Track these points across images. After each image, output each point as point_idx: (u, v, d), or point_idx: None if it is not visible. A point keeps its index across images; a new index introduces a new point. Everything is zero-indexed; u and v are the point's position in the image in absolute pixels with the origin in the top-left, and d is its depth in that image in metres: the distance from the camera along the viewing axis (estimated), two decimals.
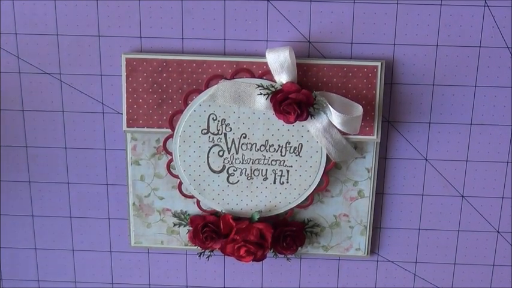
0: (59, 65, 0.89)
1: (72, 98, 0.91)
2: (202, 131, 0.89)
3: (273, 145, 0.89)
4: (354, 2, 0.86)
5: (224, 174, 0.91)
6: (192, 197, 0.93)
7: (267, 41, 0.87)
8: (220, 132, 0.89)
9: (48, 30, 0.88)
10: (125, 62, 0.87)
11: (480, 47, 0.87)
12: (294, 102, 0.84)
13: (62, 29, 0.88)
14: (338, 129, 0.86)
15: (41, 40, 0.89)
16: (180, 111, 0.88)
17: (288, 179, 0.91)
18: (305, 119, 0.85)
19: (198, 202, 0.93)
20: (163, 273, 0.98)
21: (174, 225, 0.94)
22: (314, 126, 0.87)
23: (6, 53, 0.89)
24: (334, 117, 0.84)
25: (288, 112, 0.85)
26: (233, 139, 0.89)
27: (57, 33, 0.88)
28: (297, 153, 0.90)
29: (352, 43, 0.87)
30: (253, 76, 0.87)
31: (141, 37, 0.88)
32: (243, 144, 0.89)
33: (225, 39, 0.88)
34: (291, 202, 0.92)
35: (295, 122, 0.85)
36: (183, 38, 0.88)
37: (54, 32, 0.88)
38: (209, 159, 0.90)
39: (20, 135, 0.92)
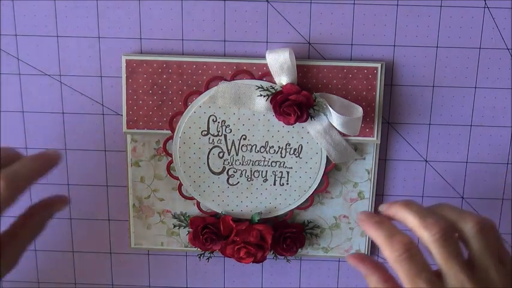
0: (59, 66, 0.89)
1: (72, 100, 0.91)
2: (202, 132, 0.89)
3: (272, 146, 0.89)
4: (354, 4, 0.86)
5: (224, 176, 0.91)
6: (192, 198, 0.93)
7: (267, 42, 0.88)
8: (220, 134, 0.89)
9: (48, 31, 0.88)
10: (124, 64, 0.87)
11: (480, 48, 0.87)
12: (294, 104, 0.84)
13: (62, 30, 0.88)
14: (338, 131, 0.86)
15: (41, 41, 0.89)
16: (180, 113, 0.88)
17: (288, 181, 0.91)
18: (305, 121, 0.85)
19: (198, 203, 0.93)
20: (163, 274, 0.98)
21: (174, 226, 0.94)
22: (314, 128, 0.87)
23: (6, 55, 0.89)
24: (335, 118, 0.84)
25: (288, 114, 0.85)
26: (233, 140, 0.89)
27: (57, 34, 0.88)
28: (297, 155, 0.90)
29: (352, 44, 0.87)
30: (253, 77, 0.87)
31: (141, 38, 0.88)
32: (243, 145, 0.89)
33: (225, 41, 0.88)
34: (291, 203, 0.92)
35: (295, 123, 0.85)
36: (183, 40, 0.88)
37: (54, 33, 0.88)
38: (209, 160, 0.90)
39: (20, 136, 0.92)
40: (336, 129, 0.86)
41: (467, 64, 0.88)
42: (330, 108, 0.84)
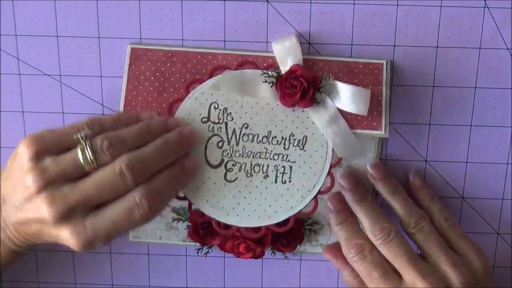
0: (59, 66, 0.90)
1: (72, 99, 0.91)
2: (202, 119, 0.88)
3: (275, 137, 0.88)
4: (354, 3, 0.86)
5: (222, 170, 0.88)
6: (185, 199, 0.91)
7: (267, 42, 0.88)
8: (221, 121, 0.88)
9: (48, 31, 0.88)
10: (129, 52, 0.87)
11: (480, 48, 0.87)
12: (301, 77, 0.84)
13: (62, 30, 0.88)
14: (345, 122, 0.86)
15: (41, 41, 0.89)
16: (181, 99, 0.88)
17: (290, 178, 0.89)
18: (311, 104, 0.85)
19: (189, 205, 0.91)
20: (163, 274, 0.98)
21: (173, 220, 0.93)
22: (320, 116, 0.87)
23: (6, 55, 0.89)
24: (343, 90, 0.85)
25: (294, 86, 0.84)
26: (234, 129, 0.88)
27: (57, 34, 0.88)
28: (301, 147, 0.88)
29: (352, 44, 0.88)
30: (258, 68, 0.87)
31: (141, 38, 0.88)
32: (244, 134, 0.88)
33: (225, 41, 0.88)
34: (292, 206, 0.90)
35: (300, 101, 0.85)
36: (183, 40, 0.88)
37: (54, 33, 0.88)
38: (207, 150, 0.88)
39: (20, 136, 0.92)
40: (343, 119, 0.86)
41: (467, 64, 0.88)
42: (337, 82, 0.85)
